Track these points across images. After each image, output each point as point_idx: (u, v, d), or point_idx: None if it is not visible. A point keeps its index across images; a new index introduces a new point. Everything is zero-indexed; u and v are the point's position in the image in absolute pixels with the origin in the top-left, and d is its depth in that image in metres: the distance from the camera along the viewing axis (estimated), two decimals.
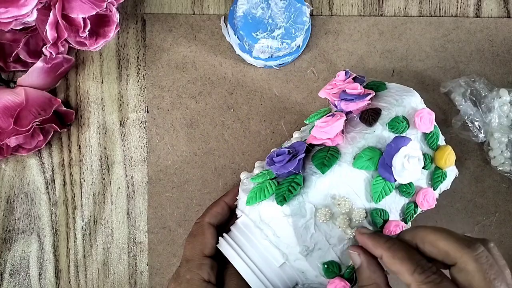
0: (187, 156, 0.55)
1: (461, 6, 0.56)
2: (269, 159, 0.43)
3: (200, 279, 0.44)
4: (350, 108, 0.44)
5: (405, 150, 0.42)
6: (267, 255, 0.42)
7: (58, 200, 0.55)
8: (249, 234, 0.43)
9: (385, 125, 0.43)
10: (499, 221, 0.55)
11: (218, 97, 0.55)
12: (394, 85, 0.47)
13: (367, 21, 0.55)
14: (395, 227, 0.43)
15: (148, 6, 0.55)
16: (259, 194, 0.42)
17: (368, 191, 0.42)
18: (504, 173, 0.54)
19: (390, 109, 0.43)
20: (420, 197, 0.45)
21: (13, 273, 0.54)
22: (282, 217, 0.41)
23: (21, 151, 0.53)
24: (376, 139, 0.42)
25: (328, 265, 0.42)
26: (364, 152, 0.42)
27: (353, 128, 0.44)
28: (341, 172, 0.41)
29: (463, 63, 0.55)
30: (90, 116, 0.55)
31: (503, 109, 0.53)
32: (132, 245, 0.55)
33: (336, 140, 0.43)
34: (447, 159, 0.45)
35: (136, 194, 0.55)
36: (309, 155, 0.43)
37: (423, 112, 0.44)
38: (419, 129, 0.44)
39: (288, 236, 0.41)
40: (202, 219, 0.47)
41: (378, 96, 0.45)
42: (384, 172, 0.42)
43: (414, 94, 0.45)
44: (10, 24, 0.44)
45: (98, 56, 0.55)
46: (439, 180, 0.46)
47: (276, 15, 0.51)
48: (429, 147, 0.45)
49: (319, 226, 0.41)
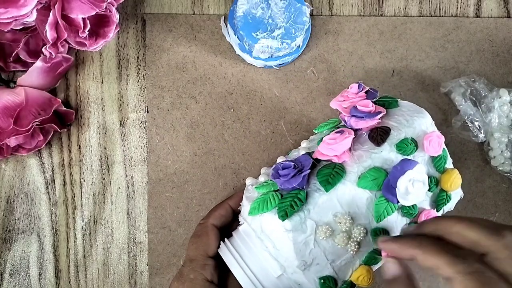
0: (187, 156, 0.55)
1: (461, 6, 0.56)
2: (274, 171, 0.43)
3: (203, 279, 0.44)
4: (360, 126, 0.43)
5: (410, 174, 0.42)
6: (265, 265, 0.43)
7: (58, 200, 0.55)
8: (250, 243, 0.43)
9: (393, 146, 0.42)
10: (499, 221, 0.55)
11: (218, 97, 0.55)
12: (406, 103, 0.46)
13: (367, 21, 0.55)
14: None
15: (148, 6, 0.55)
16: (262, 205, 0.42)
17: (370, 210, 0.42)
18: (504, 173, 0.54)
19: (400, 130, 0.43)
20: (422, 218, 0.45)
21: (13, 273, 0.54)
22: (283, 231, 0.41)
23: (21, 151, 0.53)
24: (383, 159, 0.42)
25: (324, 280, 0.42)
26: (370, 172, 0.41)
27: (360, 145, 0.43)
28: (344, 190, 0.41)
29: (463, 63, 0.55)
30: (90, 116, 0.55)
31: (503, 109, 0.53)
32: (132, 245, 0.55)
33: (342, 158, 0.42)
34: (453, 183, 0.45)
35: (136, 194, 0.55)
36: (315, 169, 0.43)
37: (433, 136, 0.43)
38: (428, 152, 0.44)
39: (287, 250, 0.41)
40: (207, 220, 0.48)
41: (388, 114, 0.45)
42: (388, 193, 0.42)
43: (426, 116, 0.45)
44: (10, 25, 0.44)
45: (98, 56, 0.55)
46: (443, 203, 0.46)
47: (276, 15, 0.51)
48: (436, 170, 0.45)
49: (319, 242, 0.41)
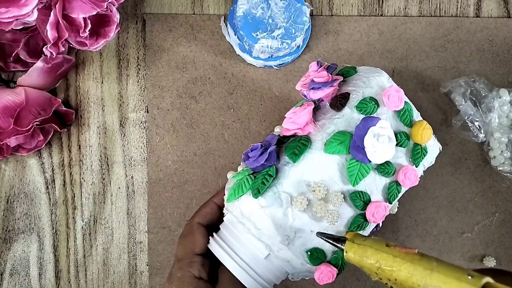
0: (187, 156, 0.55)
1: (461, 6, 0.56)
2: (245, 155, 0.44)
3: (190, 276, 0.44)
4: (318, 96, 0.44)
5: (374, 130, 0.42)
6: (252, 249, 0.43)
7: (58, 200, 0.55)
8: (235, 231, 0.44)
9: (353, 108, 0.43)
10: (499, 221, 0.55)
11: (218, 97, 0.55)
12: (363, 68, 0.47)
13: (367, 21, 0.55)
14: (376, 208, 0.43)
15: (148, 6, 0.55)
16: (237, 190, 0.43)
17: (344, 175, 0.42)
18: (504, 173, 0.54)
19: (358, 92, 0.43)
20: (401, 175, 0.44)
21: (13, 273, 0.54)
22: (259, 209, 0.41)
23: (21, 151, 0.53)
24: (346, 123, 0.43)
25: (312, 252, 0.42)
26: (334, 136, 0.42)
27: (324, 115, 0.44)
28: (313, 159, 0.42)
29: (463, 63, 0.55)
30: (90, 116, 0.55)
31: (503, 109, 0.53)
32: (132, 245, 0.55)
33: (307, 129, 0.43)
34: (423, 134, 0.44)
35: (136, 194, 0.55)
36: (284, 147, 0.43)
37: (390, 90, 0.43)
38: (389, 107, 0.44)
39: (267, 227, 0.41)
40: (192, 220, 0.48)
41: (347, 81, 0.45)
42: (357, 154, 0.42)
43: (382, 74, 0.45)
44: (10, 24, 0.44)
45: (98, 56, 0.55)
46: (419, 156, 0.45)
47: (276, 15, 0.51)
48: (403, 124, 0.45)
49: (298, 214, 0.41)
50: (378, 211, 0.43)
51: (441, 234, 0.55)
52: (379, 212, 0.43)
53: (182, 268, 0.45)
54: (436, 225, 0.55)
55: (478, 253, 0.54)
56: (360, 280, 0.54)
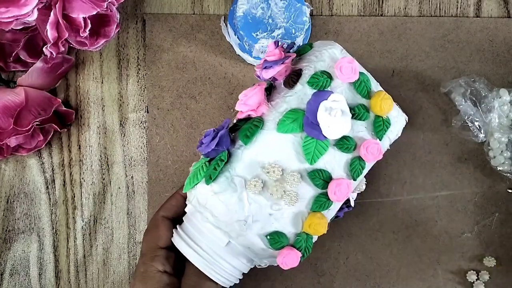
0: (187, 156, 0.55)
1: (461, 6, 0.56)
2: (199, 142, 0.42)
3: (153, 270, 0.43)
4: (270, 74, 0.42)
5: (325, 104, 0.40)
6: (212, 238, 0.42)
7: (58, 200, 0.55)
8: (195, 221, 0.43)
9: (305, 84, 0.41)
10: (499, 221, 0.55)
11: (218, 97, 0.55)
12: (318, 42, 0.45)
13: (367, 21, 0.55)
14: (337, 185, 0.41)
15: (148, 6, 0.55)
16: (192, 178, 0.41)
17: (300, 154, 0.41)
18: (504, 173, 0.54)
19: (310, 67, 0.42)
20: (362, 150, 0.42)
21: (13, 273, 0.54)
22: (213, 195, 0.40)
23: (21, 151, 0.52)
24: (299, 100, 0.41)
25: (272, 235, 0.40)
26: (287, 115, 0.40)
27: (278, 95, 0.42)
28: (266, 140, 0.40)
29: (463, 63, 0.55)
30: (90, 116, 0.55)
31: (503, 109, 0.53)
32: (132, 245, 0.55)
33: (260, 110, 0.41)
34: (382, 105, 0.42)
35: (136, 194, 0.55)
36: (238, 131, 0.42)
37: (342, 62, 0.41)
38: (342, 80, 0.41)
39: (223, 214, 0.40)
40: (157, 213, 0.47)
41: (302, 58, 0.44)
42: (312, 130, 0.40)
43: (334, 46, 0.43)
44: (10, 24, 0.44)
45: (98, 56, 0.55)
46: (381, 129, 0.43)
47: (276, 15, 0.51)
48: (361, 96, 0.43)
49: (253, 198, 0.40)
50: (340, 189, 0.41)
51: (441, 234, 0.55)
52: (342, 190, 0.41)
53: (145, 263, 0.44)
54: (436, 225, 0.55)
55: (478, 253, 0.54)
56: (360, 281, 0.54)
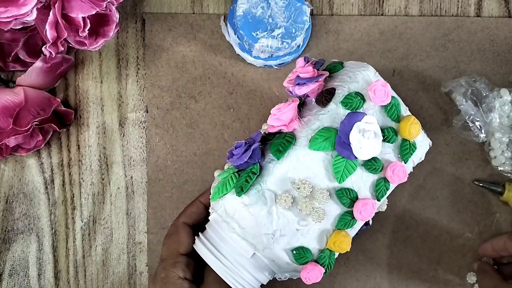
0: (187, 156, 0.55)
1: (462, 5, 0.56)
2: (229, 153, 0.43)
3: (174, 276, 0.44)
4: (303, 91, 0.43)
5: (359, 126, 0.41)
6: (237, 248, 0.42)
7: (57, 200, 0.54)
8: (219, 230, 0.43)
9: (339, 104, 0.42)
10: (499, 221, 0.55)
11: (218, 97, 0.55)
12: (350, 62, 0.46)
13: (368, 21, 0.55)
14: (364, 205, 0.42)
15: (148, 5, 0.55)
16: (221, 188, 0.42)
17: (330, 172, 0.41)
18: (505, 173, 0.53)
19: (344, 87, 0.42)
20: (389, 172, 0.43)
21: (12, 273, 0.54)
22: (243, 207, 0.40)
23: (20, 151, 0.52)
24: (331, 119, 0.42)
25: (297, 250, 0.41)
26: (319, 133, 0.41)
27: (309, 111, 0.43)
28: (297, 156, 0.41)
29: (464, 63, 0.55)
30: (89, 116, 0.55)
31: (504, 109, 0.53)
32: (132, 245, 0.55)
33: (291, 126, 0.42)
34: (411, 129, 0.43)
35: (136, 194, 0.55)
36: (269, 144, 0.42)
37: (376, 85, 0.42)
38: (375, 102, 0.42)
39: (251, 226, 0.41)
40: (178, 219, 0.47)
41: (334, 77, 0.45)
42: (343, 150, 0.41)
43: (368, 68, 0.44)
44: (9, 24, 0.43)
45: (98, 55, 0.55)
46: (407, 152, 0.44)
47: (276, 14, 0.50)
48: (390, 119, 0.44)
49: (282, 213, 0.41)
50: (365, 209, 0.42)
51: (441, 235, 0.54)
52: (367, 210, 0.42)
53: (166, 268, 0.44)
54: (436, 226, 0.54)
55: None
56: (360, 281, 0.54)
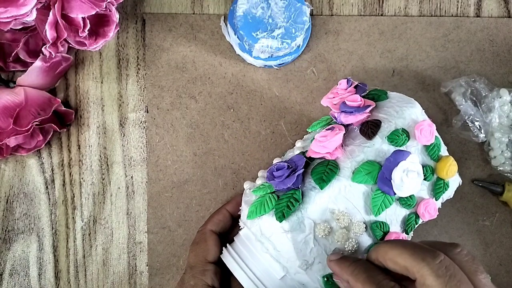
0: (187, 156, 0.55)
1: (461, 6, 0.56)
2: (269, 173, 0.43)
3: (203, 284, 0.45)
4: (350, 121, 0.44)
5: (404, 165, 0.42)
6: (268, 267, 0.43)
7: (58, 200, 0.54)
8: (251, 247, 0.44)
9: (384, 138, 0.42)
10: (499, 221, 0.55)
11: (218, 97, 0.55)
12: (396, 94, 0.47)
13: (367, 21, 0.55)
14: (394, 238, 0.43)
15: (148, 5, 0.55)
16: (259, 208, 0.42)
17: (367, 204, 0.42)
18: (505, 173, 0.54)
19: (390, 122, 0.43)
20: (421, 208, 0.45)
21: (12, 273, 0.54)
22: (282, 232, 0.41)
23: (21, 151, 0.52)
24: (375, 152, 0.42)
25: (328, 278, 0.42)
26: (363, 166, 0.42)
27: (352, 140, 0.43)
28: (340, 187, 0.41)
29: (463, 63, 0.55)
30: (89, 116, 0.55)
31: (504, 109, 0.53)
32: (132, 245, 0.55)
33: (335, 154, 0.42)
34: (448, 170, 0.45)
35: (136, 194, 0.55)
36: (309, 168, 0.43)
37: (424, 125, 0.43)
38: (420, 141, 0.44)
39: (287, 251, 0.41)
40: (205, 227, 0.48)
41: (378, 107, 0.45)
42: (384, 186, 0.42)
43: (415, 105, 0.45)
44: (9, 24, 0.44)
45: (98, 56, 0.55)
46: (441, 191, 0.46)
47: (276, 14, 0.50)
48: (430, 158, 0.45)
49: (319, 241, 0.41)
50: None
51: (441, 234, 0.54)
52: None
53: (195, 276, 0.45)
54: (436, 225, 0.54)
55: (478, 253, 0.54)
56: None
